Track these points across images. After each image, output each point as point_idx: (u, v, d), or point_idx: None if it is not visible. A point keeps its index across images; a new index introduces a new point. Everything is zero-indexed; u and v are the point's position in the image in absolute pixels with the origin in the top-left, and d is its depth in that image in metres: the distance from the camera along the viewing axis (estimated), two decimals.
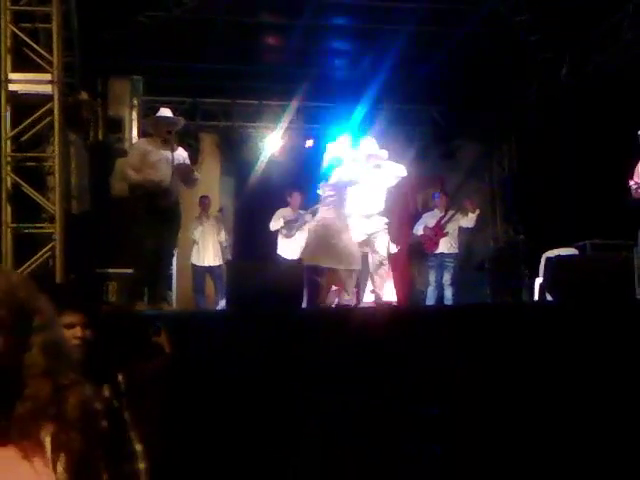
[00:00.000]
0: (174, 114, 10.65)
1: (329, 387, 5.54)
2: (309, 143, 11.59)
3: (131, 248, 6.66)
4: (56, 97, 5.94)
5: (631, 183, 7.57)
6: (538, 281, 8.86)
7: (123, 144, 8.03)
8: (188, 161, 6.95)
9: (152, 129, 6.91)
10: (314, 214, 10.03)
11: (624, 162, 7.92)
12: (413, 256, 9.98)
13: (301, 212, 10.12)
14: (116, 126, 7.93)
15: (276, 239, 10.10)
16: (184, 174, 6.74)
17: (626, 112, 9.02)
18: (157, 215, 6.53)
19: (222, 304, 9.32)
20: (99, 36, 8.14)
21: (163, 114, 7.00)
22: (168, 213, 6.66)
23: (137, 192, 6.50)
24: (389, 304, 8.55)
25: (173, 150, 6.64)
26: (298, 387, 5.48)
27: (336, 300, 9.22)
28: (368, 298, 9.09)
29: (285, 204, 10.18)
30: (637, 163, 7.67)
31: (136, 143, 6.88)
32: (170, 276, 8.03)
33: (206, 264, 9.93)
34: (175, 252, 9.20)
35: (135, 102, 8.23)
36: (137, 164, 6.51)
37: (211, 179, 11.71)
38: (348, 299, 7.61)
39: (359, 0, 9.42)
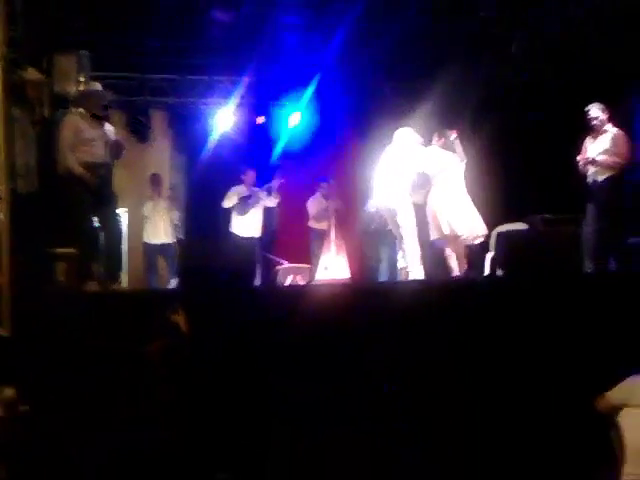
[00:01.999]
0: (122, 90, 10.62)
1: (287, 368, 5.55)
2: (260, 119, 11.50)
3: (74, 228, 6.63)
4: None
5: (579, 159, 7.69)
6: (489, 256, 8.94)
7: None
8: (113, 135, 6.94)
9: (86, 104, 6.83)
10: (269, 191, 10.02)
11: (574, 137, 8.02)
12: (364, 232, 9.97)
13: (254, 189, 10.07)
14: (62, 103, 7.79)
15: (229, 216, 10.05)
16: (118, 152, 6.78)
17: (576, 88, 9.12)
18: (95, 194, 6.52)
19: (173, 282, 9.27)
20: (44, 10, 7.93)
21: (96, 88, 6.94)
22: (105, 191, 6.66)
23: (74, 172, 6.45)
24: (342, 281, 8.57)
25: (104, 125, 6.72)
26: (258, 370, 5.47)
27: (290, 279, 9.25)
28: (321, 275, 9.13)
29: (238, 181, 10.12)
30: (586, 139, 7.78)
31: (67, 119, 6.80)
32: (120, 255, 7.95)
33: (158, 242, 9.85)
34: (124, 231, 9.14)
35: (82, 78, 8.07)
36: (72, 141, 6.49)
37: (162, 156, 11.57)
38: None
39: None
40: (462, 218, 7.82)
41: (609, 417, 4.71)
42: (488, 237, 9.26)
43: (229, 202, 9.94)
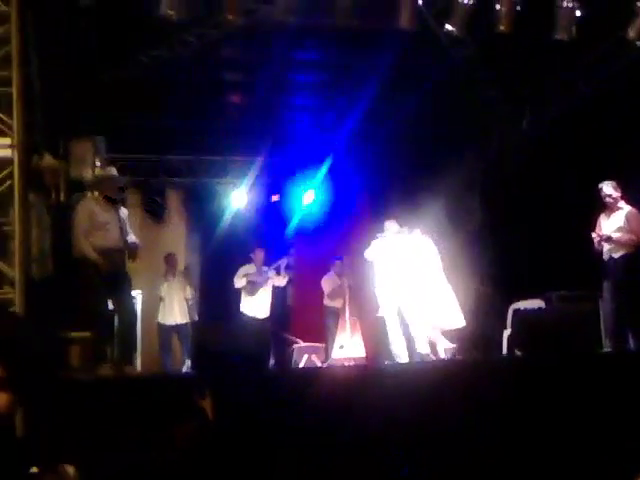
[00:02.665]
0: (138, 170, 10.77)
1: (302, 451, 5.46)
2: (274, 198, 11.60)
3: (88, 312, 6.63)
4: (16, 161, 5.87)
5: (594, 235, 7.65)
6: (506, 333, 8.85)
7: None
8: (127, 218, 6.99)
9: (101, 188, 6.89)
10: (278, 271, 10.01)
11: (588, 214, 8.00)
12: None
13: (264, 269, 10.06)
14: (78, 187, 7.88)
15: (239, 296, 10.03)
16: (134, 254, 6.82)
17: (588, 164, 9.16)
18: (109, 278, 6.52)
19: (188, 363, 9.21)
20: (61, 97, 8.10)
21: (112, 173, 7.01)
22: (120, 274, 6.67)
23: (88, 257, 6.49)
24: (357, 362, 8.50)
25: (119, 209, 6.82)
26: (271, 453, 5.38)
27: (305, 358, 9.19)
28: (336, 354, 9.06)
29: (248, 260, 10.14)
30: (600, 216, 7.76)
31: (81, 204, 6.88)
32: (135, 337, 7.94)
33: (172, 322, 9.82)
34: (138, 312, 9.12)
35: (97, 162, 8.18)
36: (87, 227, 6.53)
37: (177, 235, 11.64)
38: None
39: (322, 57, 9.52)
40: (437, 307, 7.79)
41: None
42: (505, 314, 9.20)
43: (239, 282, 9.93)
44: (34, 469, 3.32)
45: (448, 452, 5.69)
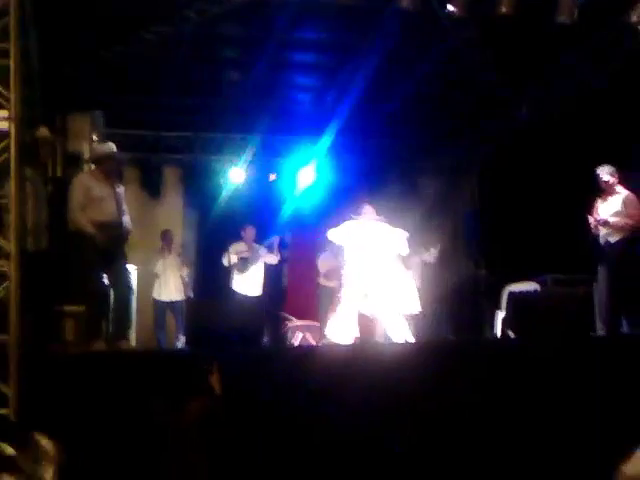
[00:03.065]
0: (136, 147, 10.74)
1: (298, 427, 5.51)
2: (272, 177, 11.58)
3: (83, 286, 6.62)
4: (13, 134, 5.82)
5: (590, 220, 7.66)
6: (500, 314, 8.90)
7: None
8: (123, 196, 6.92)
9: (100, 163, 6.86)
10: (269, 248, 10.01)
11: (584, 198, 8.01)
12: None
13: (255, 246, 10.06)
14: (75, 162, 7.85)
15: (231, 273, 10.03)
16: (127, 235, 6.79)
17: (585, 148, 9.15)
18: (106, 252, 6.51)
19: (182, 339, 9.24)
20: (59, 71, 8.05)
21: (110, 149, 6.96)
22: (116, 249, 6.65)
23: (85, 231, 6.48)
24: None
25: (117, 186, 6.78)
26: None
27: (299, 337, 9.22)
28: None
29: (239, 238, 10.13)
30: (596, 200, 7.77)
31: (78, 178, 6.85)
32: (130, 313, 7.94)
33: (167, 299, 9.83)
34: (134, 287, 9.12)
35: (95, 137, 8.15)
36: (82, 200, 6.51)
37: (174, 212, 11.64)
38: None
39: (322, 36, 9.46)
40: (397, 292, 7.84)
41: None
42: (499, 295, 9.24)
43: (230, 259, 9.92)
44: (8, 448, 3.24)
45: (441, 430, 5.75)
